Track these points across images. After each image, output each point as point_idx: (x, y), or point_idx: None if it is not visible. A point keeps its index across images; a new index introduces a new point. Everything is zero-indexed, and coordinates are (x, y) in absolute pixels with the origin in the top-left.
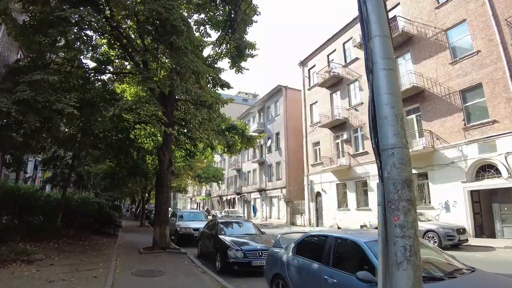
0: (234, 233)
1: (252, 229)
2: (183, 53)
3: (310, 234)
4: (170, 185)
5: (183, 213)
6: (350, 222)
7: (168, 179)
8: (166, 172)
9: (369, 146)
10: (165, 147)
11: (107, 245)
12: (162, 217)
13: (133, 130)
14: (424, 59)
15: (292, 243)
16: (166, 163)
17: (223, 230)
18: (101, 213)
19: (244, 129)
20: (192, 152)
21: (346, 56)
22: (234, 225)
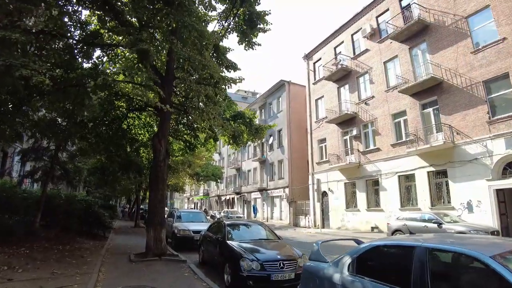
0: (245, 238)
1: (265, 233)
2: (186, 10)
3: (378, 243)
4: (166, 180)
5: (181, 213)
6: (360, 224)
7: (164, 172)
8: (163, 165)
9: (381, 142)
10: (161, 134)
11: (92, 251)
12: (157, 217)
13: (126, 120)
14: (442, 48)
15: (346, 256)
16: (162, 153)
17: (231, 234)
18: (88, 212)
19: (252, 118)
20: (192, 144)
21: (355, 47)
22: (244, 228)
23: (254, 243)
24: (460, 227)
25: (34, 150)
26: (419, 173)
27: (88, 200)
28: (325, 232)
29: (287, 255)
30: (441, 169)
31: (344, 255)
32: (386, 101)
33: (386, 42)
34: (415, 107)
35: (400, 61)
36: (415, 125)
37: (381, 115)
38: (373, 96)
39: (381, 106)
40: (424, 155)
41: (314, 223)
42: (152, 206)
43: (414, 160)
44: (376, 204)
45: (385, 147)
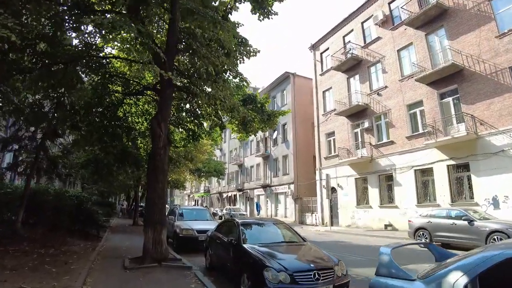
0: (264, 240)
1: (287, 234)
2: None
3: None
4: (167, 171)
5: (184, 211)
6: (372, 221)
7: (164, 162)
8: (163, 152)
9: (395, 134)
10: (161, 116)
11: (81, 255)
12: (157, 215)
13: (122, 106)
14: (463, 34)
15: (452, 272)
16: (163, 139)
17: (246, 236)
18: (80, 209)
19: (264, 103)
20: (196, 133)
21: (365, 36)
22: (261, 228)
23: (276, 247)
24: (495, 224)
25: (17, 139)
26: (437, 167)
27: (80, 196)
28: (335, 230)
29: (320, 262)
30: (462, 162)
31: (446, 270)
32: (400, 91)
33: (400, 29)
34: (432, 97)
35: (415, 49)
36: (433, 116)
37: (395, 106)
38: (386, 86)
39: (395, 97)
40: (443, 148)
41: (321, 220)
42: (151, 201)
43: (432, 153)
44: (389, 200)
45: (400, 140)
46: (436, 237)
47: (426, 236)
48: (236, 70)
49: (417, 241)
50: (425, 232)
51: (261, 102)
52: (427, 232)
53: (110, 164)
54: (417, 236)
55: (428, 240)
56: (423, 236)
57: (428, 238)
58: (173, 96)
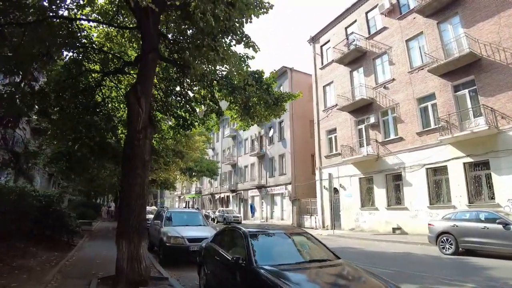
0: (283, 259)
1: (314, 248)
2: None
3: None
4: (149, 163)
5: (172, 214)
6: (378, 224)
7: (145, 150)
8: (142, 137)
9: (404, 130)
10: (140, 88)
11: (37, 272)
12: (134, 222)
13: (101, 90)
14: (480, 21)
15: None
16: (143, 119)
17: (258, 252)
18: (49, 212)
19: (271, 84)
20: (187, 121)
21: (369, 26)
22: (277, 240)
23: (305, 269)
24: None
25: None
26: (453, 165)
27: (50, 196)
28: (339, 234)
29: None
30: (481, 159)
31: None
32: (409, 84)
33: (408, 18)
34: (446, 89)
35: (426, 38)
36: (447, 109)
37: (403, 100)
38: (394, 79)
39: (404, 90)
40: (459, 144)
41: (322, 223)
42: (126, 203)
43: (446, 150)
44: (398, 201)
45: (410, 136)
46: (464, 243)
47: (451, 242)
48: (242, 31)
49: (441, 247)
50: (449, 238)
51: (267, 83)
52: (452, 237)
53: (85, 157)
54: (440, 242)
55: (454, 246)
56: (447, 242)
57: (453, 244)
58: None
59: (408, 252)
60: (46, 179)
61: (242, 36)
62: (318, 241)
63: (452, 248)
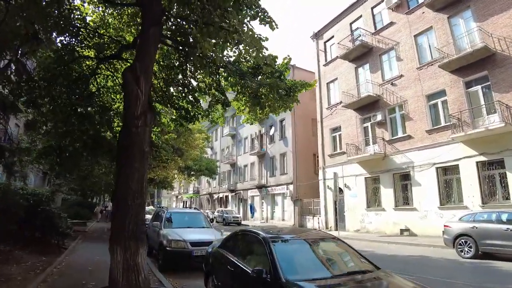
0: (316, 271)
1: (347, 257)
2: None
3: None
4: (148, 154)
5: (172, 215)
6: (385, 225)
7: (144, 139)
8: (141, 124)
9: (412, 128)
10: (139, 66)
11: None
12: (131, 225)
13: (95, 78)
14: (493, 14)
15: None
16: (142, 102)
17: (284, 263)
18: (36, 212)
19: (284, 70)
20: (190, 113)
21: (375, 22)
22: (304, 248)
23: (342, 285)
24: None
25: None
26: (465, 164)
27: (38, 194)
28: (344, 235)
29: None
30: (495, 158)
31: None
32: (418, 80)
33: (417, 13)
34: (457, 86)
35: (436, 33)
36: (458, 106)
37: (412, 97)
38: (402, 75)
39: (412, 86)
40: (471, 142)
41: (325, 224)
42: (121, 202)
43: (458, 148)
44: (406, 202)
45: (419, 134)
46: (485, 246)
47: (470, 245)
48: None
49: (459, 250)
50: (468, 240)
51: (279, 70)
52: (471, 240)
53: (77, 152)
54: (457, 245)
55: (474, 250)
56: (465, 244)
57: (473, 248)
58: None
59: (422, 255)
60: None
61: (257, 10)
62: (350, 248)
63: (471, 252)
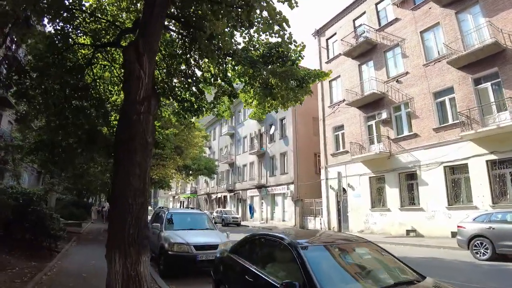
0: (362, 283)
1: (390, 266)
2: None
3: None
4: (151, 146)
5: (174, 215)
6: (390, 226)
7: (147, 128)
8: (144, 110)
9: (419, 126)
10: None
11: None
12: (131, 229)
13: (92, 69)
14: (504, 9)
15: None
16: (145, 85)
17: (323, 275)
18: (27, 212)
19: (296, 59)
20: (193, 105)
21: (380, 18)
22: (337, 253)
23: None
24: None
25: None
26: (474, 162)
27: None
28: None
29: None
30: (506, 157)
31: None
32: (425, 77)
33: (423, 8)
34: (466, 82)
35: (443, 29)
36: (467, 104)
37: (418, 94)
38: (407, 72)
39: (419, 84)
40: (481, 140)
41: (328, 225)
42: (119, 202)
43: (466, 146)
44: (412, 202)
45: (425, 133)
46: (502, 248)
47: (486, 246)
48: None
49: (474, 252)
50: (484, 241)
51: (291, 59)
52: (487, 241)
53: (71, 148)
54: (472, 246)
55: (490, 251)
56: (481, 246)
57: (489, 249)
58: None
59: (434, 257)
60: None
61: None
62: (388, 252)
63: (488, 253)
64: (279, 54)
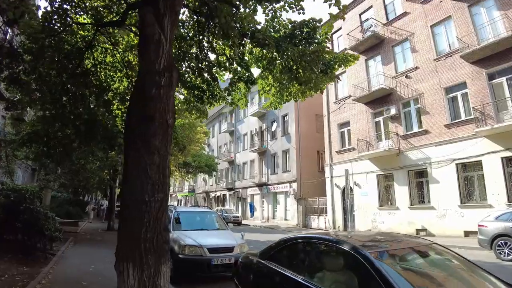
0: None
1: (471, 274)
2: None
3: None
4: (171, 128)
5: (181, 214)
6: (399, 225)
7: (168, 107)
8: (165, 83)
9: (429, 122)
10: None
11: None
12: (148, 232)
13: (92, 52)
14: None
15: None
16: (166, 51)
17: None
18: (18, 211)
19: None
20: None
21: (387, 12)
22: (413, 259)
23: None
24: None
25: None
26: (488, 159)
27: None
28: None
29: None
30: None
31: None
32: (435, 72)
33: (434, 2)
34: (479, 77)
35: (455, 23)
36: (481, 99)
37: (429, 90)
38: (417, 67)
39: (429, 79)
40: (496, 137)
41: (333, 224)
42: (133, 198)
43: (481, 143)
44: (422, 200)
45: (436, 129)
46: None
47: (511, 246)
48: None
49: (497, 252)
50: (509, 241)
51: (317, 41)
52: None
53: (68, 139)
54: (496, 246)
55: None
56: (506, 245)
57: None
58: None
59: None
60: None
61: None
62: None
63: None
64: (302, 35)
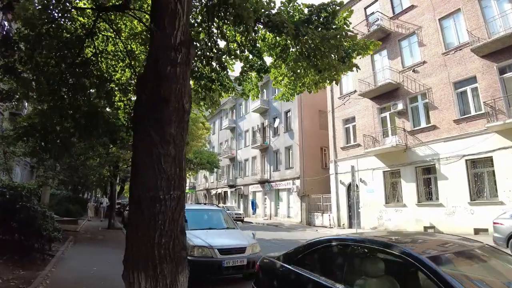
0: None
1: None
2: None
3: None
4: (188, 115)
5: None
6: (406, 223)
7: (185, 90)
8: (182, 60)
9: (438, 118)
10: None
11: None
12: (162, 237)
13: (93, 41)
14: None
15: None
16: (182, 25)
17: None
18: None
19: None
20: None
21: (394, 6)
22: (475, 264)
23: None
24: None
25: None
26: (500, 155)
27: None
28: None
29: None
30: None
31: None
32: (444, 66)
33: None
34: (490, 71)
35: (464, 16)
36: (491, 94)
37: (437, 84)
38: (425, 62)
39: (437, 73)
40: (507, 132)
41: (337, 221)
42: (145, 196)
43: (491, 138)
44: (429, 197)
45: (445, 124)
46: None
47: None
48: None
49: None
50: None
51: (335, 27)
52: None
53: (66, 133)
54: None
55: None
56: None
57: None
58: None
59: None
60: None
61: None
62: None
63: None
64: (319, 21)
